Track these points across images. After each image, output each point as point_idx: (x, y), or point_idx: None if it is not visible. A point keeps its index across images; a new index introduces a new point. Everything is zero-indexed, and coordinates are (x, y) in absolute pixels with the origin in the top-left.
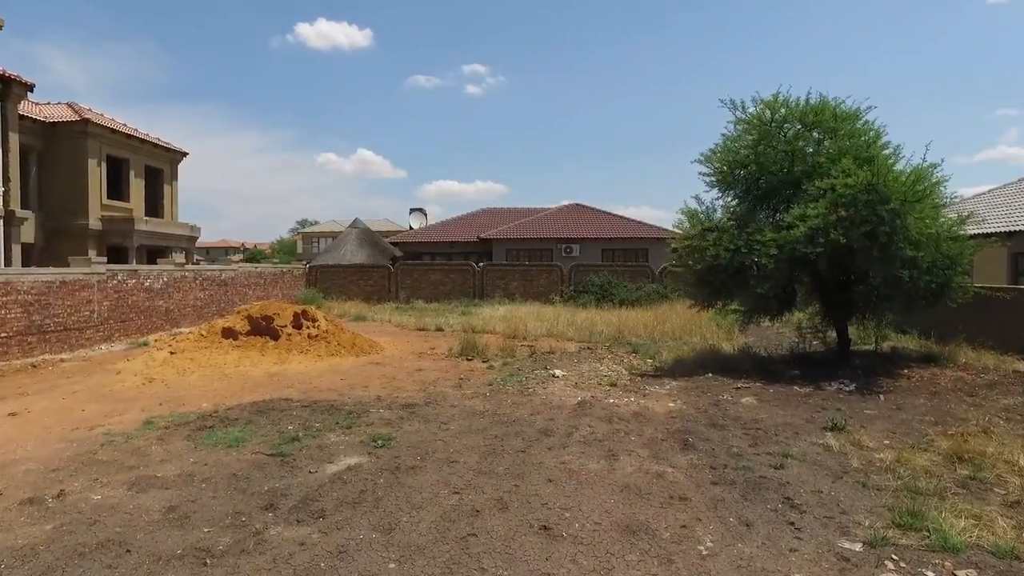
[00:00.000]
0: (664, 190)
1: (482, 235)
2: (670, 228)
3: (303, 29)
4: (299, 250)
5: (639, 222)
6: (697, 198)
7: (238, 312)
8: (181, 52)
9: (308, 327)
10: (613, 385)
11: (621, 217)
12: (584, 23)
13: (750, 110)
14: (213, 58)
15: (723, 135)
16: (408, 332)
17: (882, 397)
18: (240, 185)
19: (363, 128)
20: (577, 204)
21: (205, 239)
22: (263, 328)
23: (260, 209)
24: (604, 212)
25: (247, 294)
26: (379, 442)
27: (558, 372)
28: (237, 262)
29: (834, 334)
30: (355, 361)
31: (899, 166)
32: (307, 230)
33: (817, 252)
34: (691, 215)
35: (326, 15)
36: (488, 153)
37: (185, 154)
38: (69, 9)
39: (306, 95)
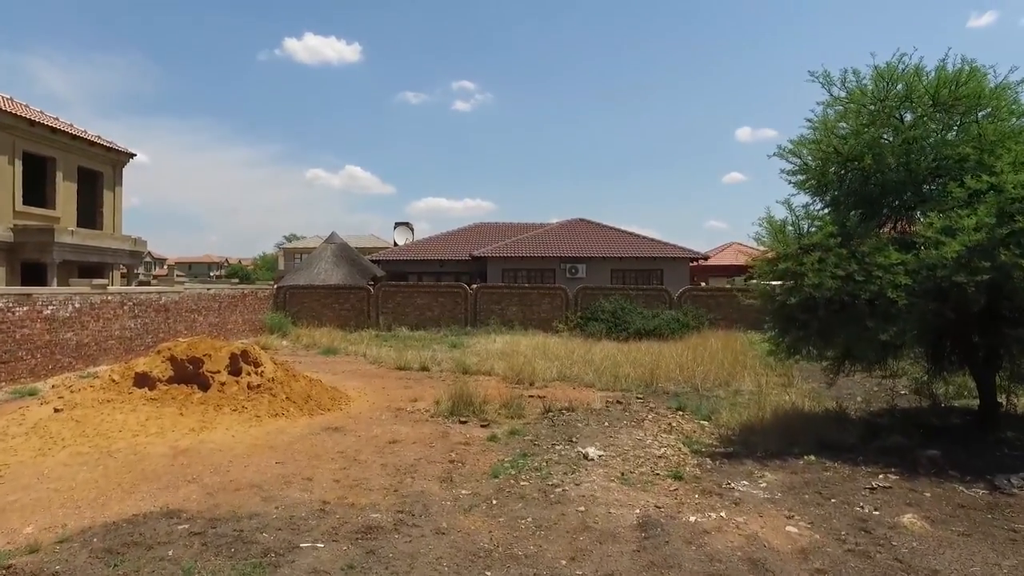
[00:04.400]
0: (659, 210)
1: (475, 253)
2: (681, 246)
3: (291, 44)
4: (280, 266)
5: (652, 239)
6: (788, 204)
7: (159, 352)
8: (170, 65)
9: (249, 373)
10: (678, 477)
11: (631, 233)
12: (572, 40)
13: (851, 85)
14: (203, 72)
15: (809, 120)
16: (386, 372)
17: None
18: (228, 199)
19: (351, 144)
20: (581, 219)
21: (188, 253)
22: (189, 374)
23: (248, 223)
24: (612, 228)
25: (196, 321)
26: None
27: (591, 451)
28: (185, 281)
29: (941, 388)
30: (306, 425)
31: None
32: (290, 245)
33: (977, 280)
34: (777, 229)
35: (313, 30)
36: (477, 170)
37: (132, 155)
38: (58, 21)
39: (295, 110)
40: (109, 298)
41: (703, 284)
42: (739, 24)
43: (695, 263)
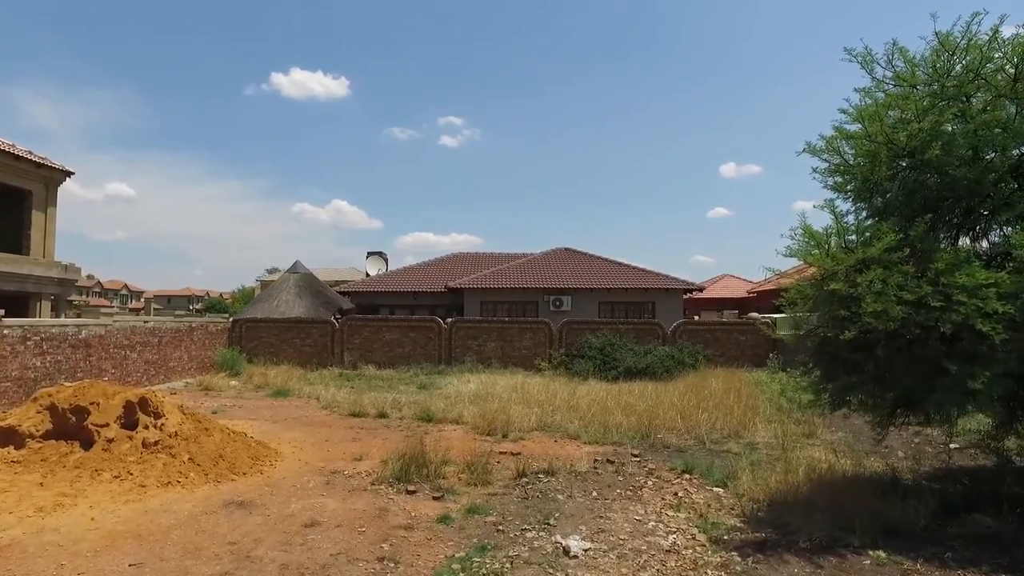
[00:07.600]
0: (646, 246)
1: (451, 284)
2: (674, 277)
3: (278, 79)
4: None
5: (642, 269)
6: (831, 207)
7: (36, 399)
8: (158, 99)
9: (146, 426)
10: None
11: (620, 263)
12: (559, 77)
13: (899, 65)
14: (190, 106)
15: (844, 112)
16: (336, 420)
17: None
18: (215, 232)
19: (338, 178)
20: (566, 248)
21: (169, 286)
22: (71, 428)
23: (235, 257)
24: (599, 258)
25: (128, 359)
26: None
27: (574, 543)
28: (114, 312)
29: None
30: (204, 497)
31: None
32: (268, 278)
33: None
34: (818, 241)
35: (299, 64)
36: (464, 205)
37: (69, 173)
38: (47, 55)
39: (282, 144)
40: (5, 332)
41: (696, 317)
42: (724, 61)
43: (689, 295)
